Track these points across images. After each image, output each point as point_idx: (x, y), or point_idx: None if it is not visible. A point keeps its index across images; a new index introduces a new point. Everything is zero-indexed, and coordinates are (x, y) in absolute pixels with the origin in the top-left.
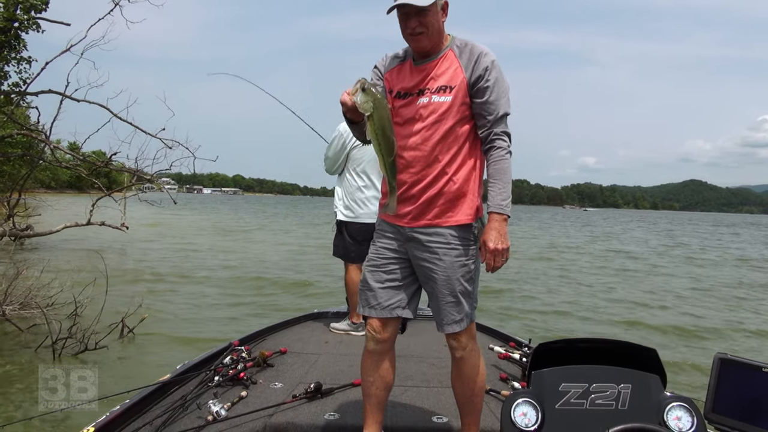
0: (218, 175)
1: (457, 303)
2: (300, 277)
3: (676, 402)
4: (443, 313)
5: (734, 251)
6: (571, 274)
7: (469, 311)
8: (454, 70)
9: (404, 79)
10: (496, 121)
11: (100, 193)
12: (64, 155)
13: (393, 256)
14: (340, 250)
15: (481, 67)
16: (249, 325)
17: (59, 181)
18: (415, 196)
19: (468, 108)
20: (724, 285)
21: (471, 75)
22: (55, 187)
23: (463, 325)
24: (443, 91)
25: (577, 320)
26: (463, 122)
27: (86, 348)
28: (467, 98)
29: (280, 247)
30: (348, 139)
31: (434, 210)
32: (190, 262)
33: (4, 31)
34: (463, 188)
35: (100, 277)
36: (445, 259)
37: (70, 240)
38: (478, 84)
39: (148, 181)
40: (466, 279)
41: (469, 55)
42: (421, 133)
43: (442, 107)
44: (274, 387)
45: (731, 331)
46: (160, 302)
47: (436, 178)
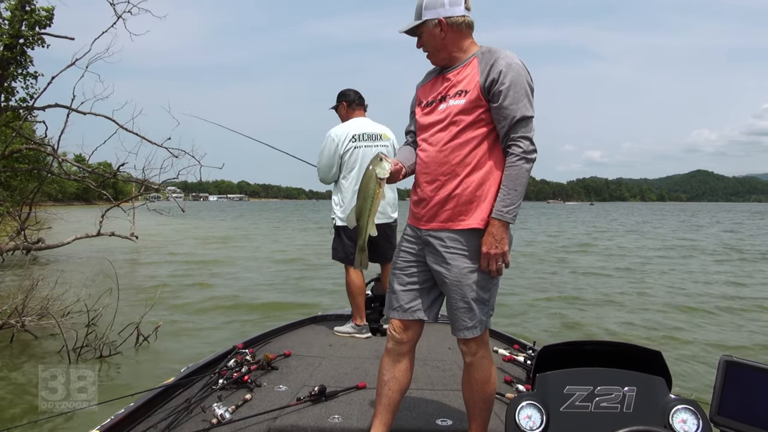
0: (223, 182)
1: (468, 309)
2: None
3: (682, 405)
4: (455, 319)
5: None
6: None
7: (483, 318)
8: (473, 75)
9: (431, 89)
10: (512, 125)
11: (108, 204)
12: (71, 167)
13: (413, 260)
14: (340, 253)
15: (495, 70)
16: (254, 327)
17: (66, 193)
18: (428, 197)
19: (485, 112)
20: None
21: (486, 78)
22: (62, 200)
23: (475, 332)
24: (458, 95)
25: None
26: (478, 125)
27: (101, 354)
28: (483, 101)
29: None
30: (340, 143)
31: (446, 212)
32: (200, 270)
33: (10, 47)
34: (476, 192)
35: (114, 286)
36: (454, 264)
37: (82, 251)
38: (492, 88)
39: (155, 190)
40: (479, 285)
41: (487, 59)
42: (436, 136)
43: (455, 110)
44: (279, 390)
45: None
46: (173, 309)
47: (449, 179)
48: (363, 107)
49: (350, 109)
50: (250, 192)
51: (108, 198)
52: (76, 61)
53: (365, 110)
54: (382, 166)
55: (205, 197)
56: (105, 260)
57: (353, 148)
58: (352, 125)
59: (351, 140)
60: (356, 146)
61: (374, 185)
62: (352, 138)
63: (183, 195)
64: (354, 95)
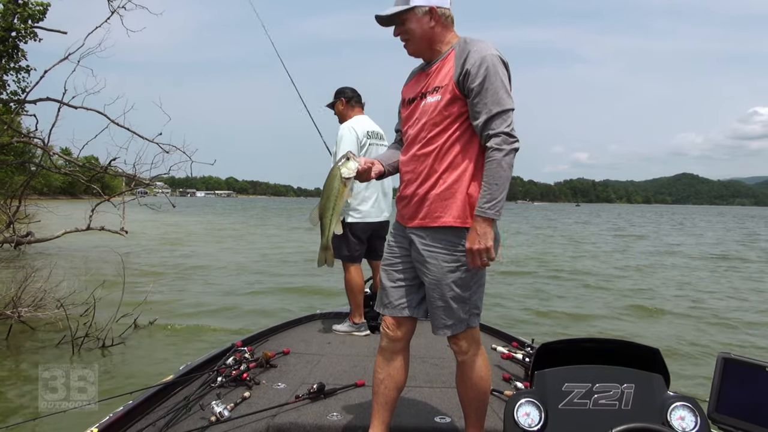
0: (211, 178)
1: (446, 308)
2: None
3: (680, 402)
4: (433, 317)
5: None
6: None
7: (464, 317)
8: (448, 69)
9: (413, 85)
10: (489, 119)
11: (96, 199)
12: (59, 161)
13: (401, 255)
14: (344, 250)
15: (469, 63)
16: (253, 324)
17: (52, 187)
18: (408, 195)
19: (461, 107)
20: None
21: (459, 73)
22: (48, 193)
23: (455, 329)
24: (435, 91)
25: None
26: (454, 121)
27: (104, 344)
28: (458, 96)
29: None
30: (361, 135)
31: (424, 210)
32: (191, 261)
33: (3, 41)
34: (452, 188)
35: (107, 278)
36: (432, 262)
37: (71, 245)
38: (466, 81)
39: (145, 185)
40: (458, 284)
41: (461, 53)
42: (415, 134)
43: (431, 107)
44: (277, 387)
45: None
46: (171, 300)
47: (426, 177)
48: (361, 105)
49: (349, 106)
50: (238, 188)
51: (96, 192)
52: (69, 56)
53: (363, 108)
54: (348, 165)
55: (193, 193)
56: (111, 253)
57: (368, 144)
58: (360, 123)
59: (366, 136)
60: (370, 143)
61: (338, 184)
62: (367, 134)
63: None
64: (351, 92)
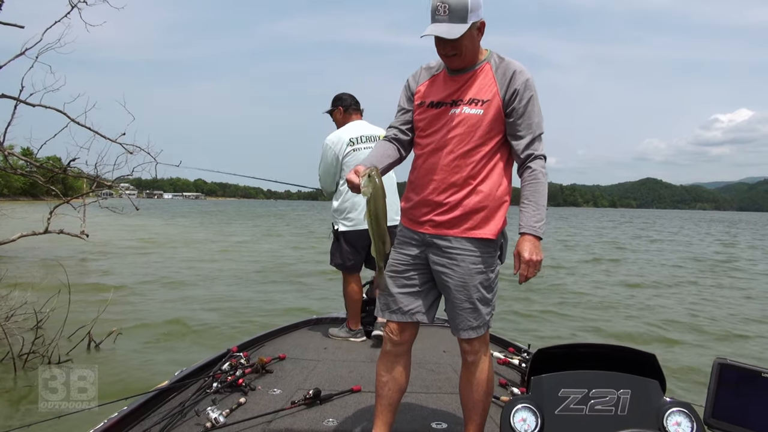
0: (179, 179)
1: (474, 310)
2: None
3: (676, 407)
4: (459, 319)
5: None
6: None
7: (486, 318)
8: (489, 84)
9: (438, 89)
10: (531, 141)
11: (57, 200)
12: (17, 161)
13: (413, 263)
14: (337, 258)
15: (515, 84)
16: (245, 332)
17: (11, 188)
18: (436, 203)
19: (500, 124)
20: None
21: (506, 92)
22: (8, 195)
23: (480, 331)
24: (475, 104)
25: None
26: (493, 137)
27: (50, 361)
28: (500, 115)
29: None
30: (338, 150)
31: (455, 220)
32: (156, 269)
33: None
34: (485, 201)
35: (62, 288)
36: (462, 265)
37: (28, 250)
38: (512, 102)
39: (107, 187)
40: (484, 286)
41: (504, 72)
42: (448, 142)
43: (473, 119)
44: (273, 393)
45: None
46: (126, 312)
47: (460, 187)
48: (359, 111)
49: (346, 114)
50: (206, 191)
51: (57, 194)
52: (26, 51)
53: (361, 114)
54: (367, 185)
55: (160, 195)
56: (53, 261)
57: (352, 152)
58: (346, 130)
59: (348, 144)
60: (354, 149)
61: (371, 207)
62: (349, 142)
63: (137, 192)
64: (350, 100)
